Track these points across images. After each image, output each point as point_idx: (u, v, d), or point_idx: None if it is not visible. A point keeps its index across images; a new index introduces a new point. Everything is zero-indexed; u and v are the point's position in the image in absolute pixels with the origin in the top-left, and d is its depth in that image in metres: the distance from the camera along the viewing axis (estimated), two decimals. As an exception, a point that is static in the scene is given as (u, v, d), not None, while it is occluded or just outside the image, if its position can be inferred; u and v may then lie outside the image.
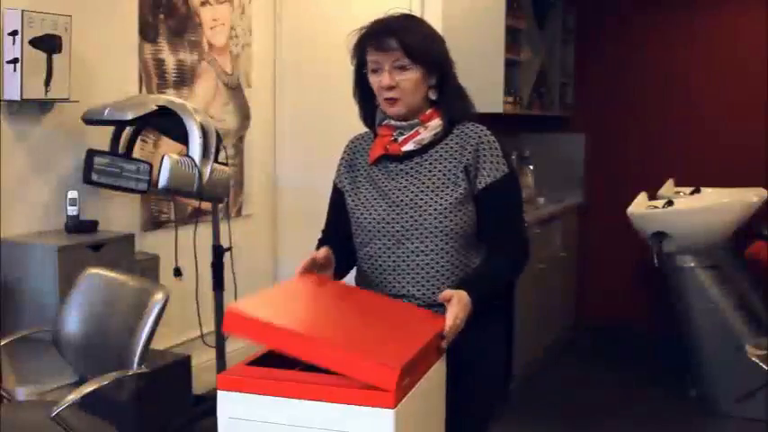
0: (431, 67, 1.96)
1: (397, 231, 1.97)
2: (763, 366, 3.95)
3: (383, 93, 1.96)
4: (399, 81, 1.93)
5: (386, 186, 2.00)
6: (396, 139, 2.00)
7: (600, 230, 5.71)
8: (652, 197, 4.55)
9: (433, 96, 1.99)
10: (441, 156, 1.99)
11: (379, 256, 2.00)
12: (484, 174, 1.97)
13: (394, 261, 1.99)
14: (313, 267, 1.91)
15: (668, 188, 4.72)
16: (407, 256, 1.97)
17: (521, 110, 5.05)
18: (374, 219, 2.00)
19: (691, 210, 4.29)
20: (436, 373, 1.71)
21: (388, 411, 1.46)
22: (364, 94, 2.04)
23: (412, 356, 1.55)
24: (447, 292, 1.82)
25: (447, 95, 2.00)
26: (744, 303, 4.17)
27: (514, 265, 2.04)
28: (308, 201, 2.31)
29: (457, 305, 1.79)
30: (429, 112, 1.99)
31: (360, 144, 2.11)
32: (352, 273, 2.16)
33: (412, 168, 1.99)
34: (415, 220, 1.96)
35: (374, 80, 1.97)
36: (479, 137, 1.99)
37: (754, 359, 3.98)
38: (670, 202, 4.28)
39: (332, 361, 1.49)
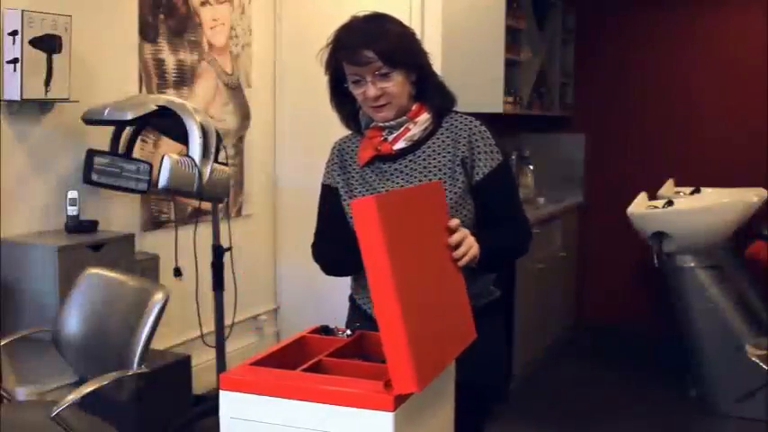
0: (410, 66, 1.94)
1: None
2: (763, 366, 3.94)
3: (370, 102, 1.93)
4: (385, 88, 1.90)
5: (381, 188, 1.98)
6: (386, 139, 1.97)
7: (600, 230, 5.71)
8: (652, 197, 4.55)
9: (412, 92, 1.96)
10: (434, 151, 1.97)
11: None
12: (481, 164, 1.96)
13: None
14: None
15: (668, 188, 4.72)
16: None
17: (521, 110, 5.05)
18: None
19: (691, 210, 4.29)
20: (444, 378, 1.69)
21: (388, 414, 1.46)
22: (343, 100, 2.01)
23: (436, 375, 1.54)
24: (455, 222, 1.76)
25: (428, 88, 1.98)
26: (744, 303, 4.17)
27: (523, 241, 2.04)
28: (307, 201, 2.30)
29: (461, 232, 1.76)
30: (415, 107, 1.97)
31: (347, 146, 2.08)
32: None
33: (406, 167, 1.97)
34: None
35: (357, 91, 1.93)
36: (470, 128, 1.98)
37: (754, 359, 3.98)
38: (670, 202, 4.28)
39: (389, 337, 1.44)
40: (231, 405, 1.55)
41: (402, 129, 1.96)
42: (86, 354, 2.52)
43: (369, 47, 1.87)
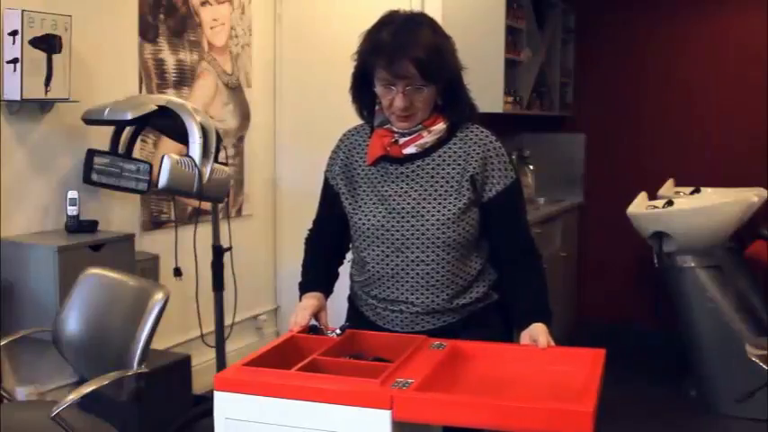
0: (444, 81, 1.91)
1: (397, 239, 1.94)
2: (763, 366, 3.94)
3: (396, 110, 1.90)
4: (414, 101, 1.88)
5: (385, 191, 1.96)
6: (396, 141, 1.95)
7: (600, 230, 5.71)
8: (652, 197, 4.54)
9: (439, 102, 1.94)
10: (443, 160, 1.95)
11: (377, 263, 1.98)
12: (493, 182, 1.95)
13: (392, 269, 1.96)
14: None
15: (668, 188, 4.72)
16: (407, 265, 1.95)
17: (521, 110, 5.05)
18: (373, 225, 1.96)
19: (691, 210, 4.29)
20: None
21: (385, 412, 1.46)
22: (363, 92, 1.98)
23: None
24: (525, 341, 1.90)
25: (454, 101, 1.95)
26: (744, 303, 4.16)
27: (540, 269, 2.07)
28: (308, 201, 2.30)
29: (541, 336, 1.89)
30: (432, 117, 1.94)
31: (356, 140, 2.05)
32: (345, 269, 2.16)
33: (413, 172, 1.96)
34: (417, 229, 1.93)
35: (385, 96, 1.90)
36: (485, 144, 1.96)
37: (754, 359, 3.98)
38: (670, 202, 4.28)
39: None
40: (226, 405, 1.55)
41: (415, 134, 1.94)
42: (86, 354, 2.52)
43: (409, 59, 1.83)
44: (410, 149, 1.95)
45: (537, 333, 1.87)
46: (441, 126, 1.95)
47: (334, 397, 1.48)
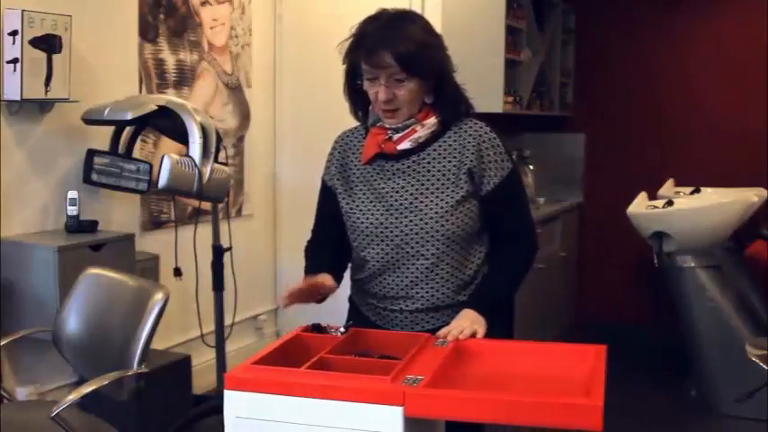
0: (427, 76, 1.92)
1: (396, 236, 1.94)
2: (763, 366, 3.93)
3: (380, 104, 1.91)
4: (397, 94, 1.89)
5: (382, 188, 1.97)
6: (391, 138, 1.96)
7: (600, 230, 5.71)
8: (652, 197, 4.54)
9: (428, 100, 1.95)
10: (439, 154, 1.95)
11: (377, 261, 1.98)
12: (491, 174, 1.95)
13: (393, 265, 1.96)
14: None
15: (668, 188, 4.71)
16: (407, 260, 1.95)
17: (521, 110, 5.05)
18: (371, 223, 1.96)
19: (691, 210, 4.29)
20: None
21: (397, 409, 1.46)
22: (356, 92, 2.00)
23: None
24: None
25: (444, 97, 1.96)
26: (744, 303, 4.16)
27: (525, 263, 2.07)
28: (308, 201, 2.30)
29: (458, 318, 1.86)
30: (425, 110, 1.95)
31: (350, 141, 2.06)
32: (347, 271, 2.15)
33: (409, 167, 1.96)
34: (416, 225, 1.93)
35: (370, 90, 1.92)
36: (479, 135, 1.96)
37: (754, 359, 3.97)
38: (670, 202, 4.28)
39: None
40: (237, 404, 1.55)
41: (408, 130, 1.95)
42: (86, 354, 2.52)
43: (388, 50, 1.85)
44: (404, 145, 1.96)
45: (455, 321, 1.88)
46: (433, 120, 1.96)
47: (346, 394, 1.48)
